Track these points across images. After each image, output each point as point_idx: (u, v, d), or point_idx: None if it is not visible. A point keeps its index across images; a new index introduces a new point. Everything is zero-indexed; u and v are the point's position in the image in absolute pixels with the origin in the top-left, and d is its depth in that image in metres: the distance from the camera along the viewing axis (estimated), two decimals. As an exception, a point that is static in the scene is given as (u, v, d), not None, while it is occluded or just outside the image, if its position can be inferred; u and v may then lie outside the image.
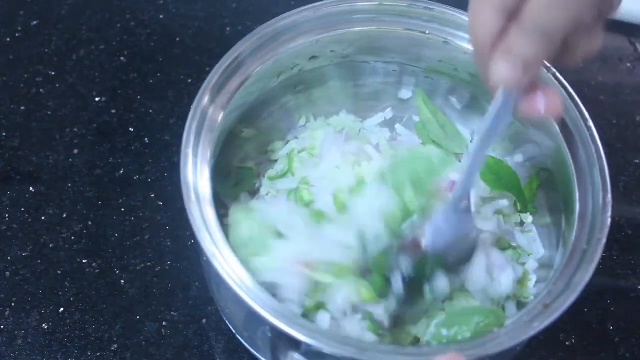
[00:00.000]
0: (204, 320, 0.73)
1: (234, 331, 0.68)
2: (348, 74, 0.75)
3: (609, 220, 0.58)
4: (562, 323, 0.74)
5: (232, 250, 0.54)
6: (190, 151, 0.58)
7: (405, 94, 0.77)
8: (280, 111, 0.75)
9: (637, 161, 0.87)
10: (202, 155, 0.59)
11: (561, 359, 0.73)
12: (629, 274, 0.79)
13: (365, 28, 0.68)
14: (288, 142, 0.76)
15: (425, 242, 0.58)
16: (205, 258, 0.54)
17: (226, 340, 0.72)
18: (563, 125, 0.63)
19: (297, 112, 0.76)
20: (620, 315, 0.76)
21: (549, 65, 0.65)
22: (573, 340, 0.74)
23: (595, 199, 0.59)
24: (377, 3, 0.68)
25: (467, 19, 0.66)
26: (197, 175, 0.57)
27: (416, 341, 0.62)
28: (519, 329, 0.53)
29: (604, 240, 0.57)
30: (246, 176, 0.73)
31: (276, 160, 0.75)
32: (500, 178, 0.70)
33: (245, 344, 0.66)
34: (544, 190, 0.70)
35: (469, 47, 0.68)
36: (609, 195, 0.59)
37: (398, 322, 0.62)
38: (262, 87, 0.69)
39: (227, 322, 0.68)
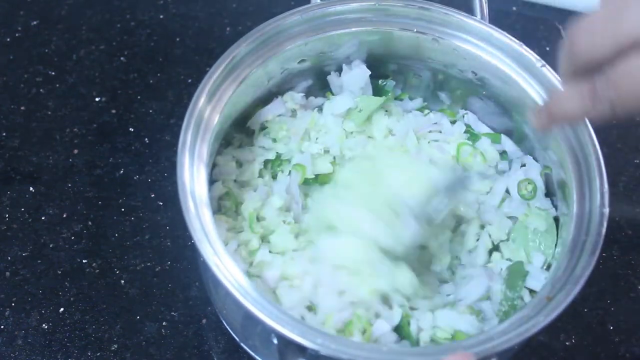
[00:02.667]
0: (204, 321, 0.73)
1: (232, 333, 0.68)
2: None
3: (607, 210, 0.58)
4: (562, 323, 0.75)
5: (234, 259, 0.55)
6: (186, 159, 0.58)
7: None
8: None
9: (637, 161, 0.87)
10: (199, 158, 0.59)
11: (561, 358, 0.73)
12: (629, 274, 0.79)
13: (357, 29, 0.69)
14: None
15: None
16: (202, 259, 0.55)
17: (226, 341, 0.72)
18: None
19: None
20: (620, 315, 0.76)
21: (541, 60, 0.65)
22: (573, 340, 0.74)
23: (593, 190, 0.60)
24: (373, 3, 0.68)
25: (459, 17, 0.67)
26: (194, 180, 0.58)
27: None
28: (525, 324, 0.53)
29: (603, 231, 0.57)
30: None
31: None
32: None
33: (244, 346, 0.66)
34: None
35: (459, 44, 0.68)
36: (606, 185, 0.59)
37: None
38: (255, 89, 0.69)
39: (224, 322, 0.68)
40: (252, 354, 0.65)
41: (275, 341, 0.55)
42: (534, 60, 0.65)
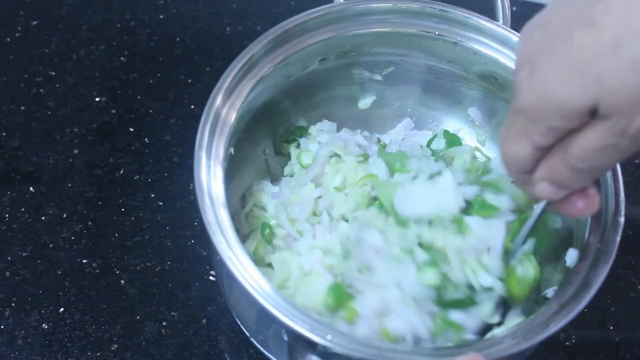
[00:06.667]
0: (204, 320, 0.73)
1: (245, 331, 0.67)
2: (357, 75, 0.75)
3: (622, 219, 0.58)
4: (562, 323, 0.75)
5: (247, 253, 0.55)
6: (203, 154, 0.58)
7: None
8: (290, 113, 0.75)
9: (637, 161, 0.87)
10: (215, 156, 0.59)
11: (561, 359, 0.73)
12: (629, 274, 0.79)
13: (376, 30, 0.68)
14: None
15: None
16: (218, 257, 0.54)
17: (226, 340, 0.72)
18: None
19: (305, 114, 0.76)
20: (620, 315, 0.76)
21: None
22: (573, 340, 0.74)
23: (608, 197, 0.60)
24: (390, 4, 0.68)
25: (479, 20, 0.67)
26: (210, 178, 0.57)
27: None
28: (536, 329, 0.53)
29: (618, 239, 0.57)
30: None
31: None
32: None
33: (255, 342, 0.66)
34: None
35: (479, 48, 0.68)
36: (622, 194, 0.59)
37: None
38: (273, 88, 0.69)
39: (237, 321, 0.68)
40: (263, 350, 0.65)
41: (285, 337, 0.55)
42: None
